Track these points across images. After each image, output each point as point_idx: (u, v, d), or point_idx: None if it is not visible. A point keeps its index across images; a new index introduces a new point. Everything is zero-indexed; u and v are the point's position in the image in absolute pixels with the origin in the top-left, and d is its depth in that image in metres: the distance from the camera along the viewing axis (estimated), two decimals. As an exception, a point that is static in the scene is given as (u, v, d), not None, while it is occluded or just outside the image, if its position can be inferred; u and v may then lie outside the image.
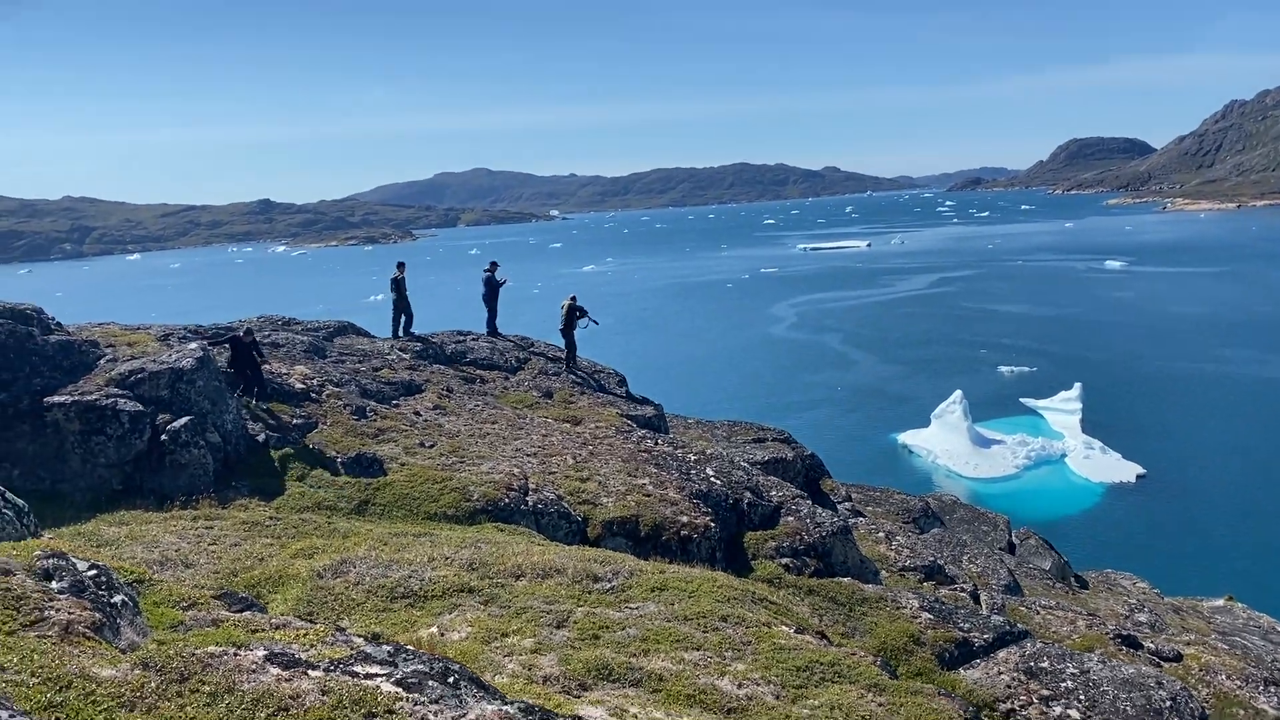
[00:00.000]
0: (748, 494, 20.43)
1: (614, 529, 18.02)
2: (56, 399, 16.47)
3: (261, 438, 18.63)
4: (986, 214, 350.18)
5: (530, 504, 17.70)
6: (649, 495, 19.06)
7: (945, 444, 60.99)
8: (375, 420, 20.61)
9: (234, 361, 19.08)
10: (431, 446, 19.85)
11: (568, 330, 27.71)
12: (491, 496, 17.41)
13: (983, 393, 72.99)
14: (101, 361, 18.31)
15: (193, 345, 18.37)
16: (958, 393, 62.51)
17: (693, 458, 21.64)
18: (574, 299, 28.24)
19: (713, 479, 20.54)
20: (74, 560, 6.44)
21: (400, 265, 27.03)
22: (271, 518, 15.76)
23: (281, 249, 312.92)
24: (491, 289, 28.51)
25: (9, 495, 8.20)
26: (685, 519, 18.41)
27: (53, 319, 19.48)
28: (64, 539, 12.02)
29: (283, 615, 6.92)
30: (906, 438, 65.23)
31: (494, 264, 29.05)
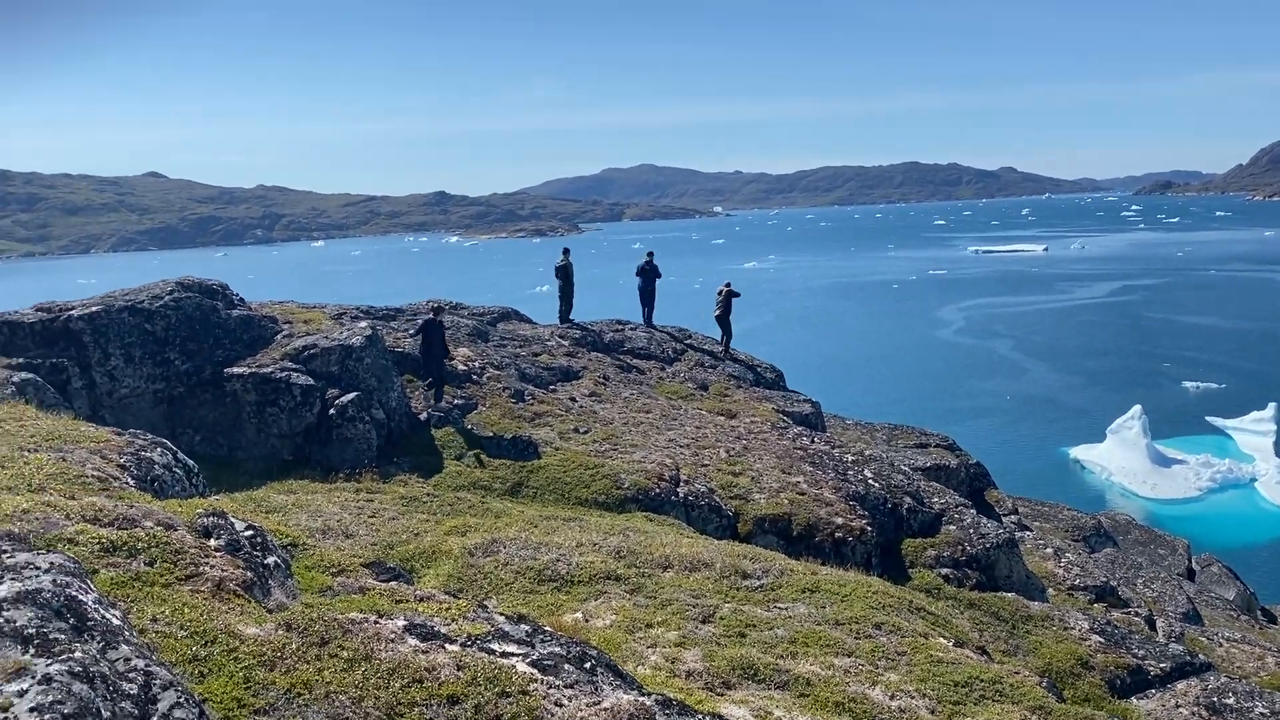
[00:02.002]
0: (908, 499, 19.62)
1: (765, 526, 17.61)
2: (236, 370, 17.32)
3: (423, 416, 19.11)
4: (1176, 220, 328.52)
5: (681, 495, 17.49)
6: (803, 494, 18.55)
7: (1121, 461, 57.49)
8: (532, 404, 20.83)
9: (425, 341, 19.42)
10: (585, 433, 19.91)
11: (724, 316, 27.37)
12: (642, 486, 17.29)
13: (1164, 409, 68.40)
14: (278, 336, 19.18)
15: (363, 324, 19.00)
16: (1137, 407, 58.78)
17: (850, 458, 20.95)
18: (729, 285, 27.88)
19: (871, 481, 19.82)
20: (233, 520, 6.57)
21: (565, 252, 27.30)
22: (429, 494, 16.11)
23: (454, 239, 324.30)
24: (649, 280, 28.41)
25: (180, 455, 8.54)
26: (840, 520, 17.81)
27: (236, 295, 20.55)
28: (236, 503, 12.57)
29: (430, 589, 6.89)
30: (1079, 452, 61.83)
31: (651, 254, 28.96)
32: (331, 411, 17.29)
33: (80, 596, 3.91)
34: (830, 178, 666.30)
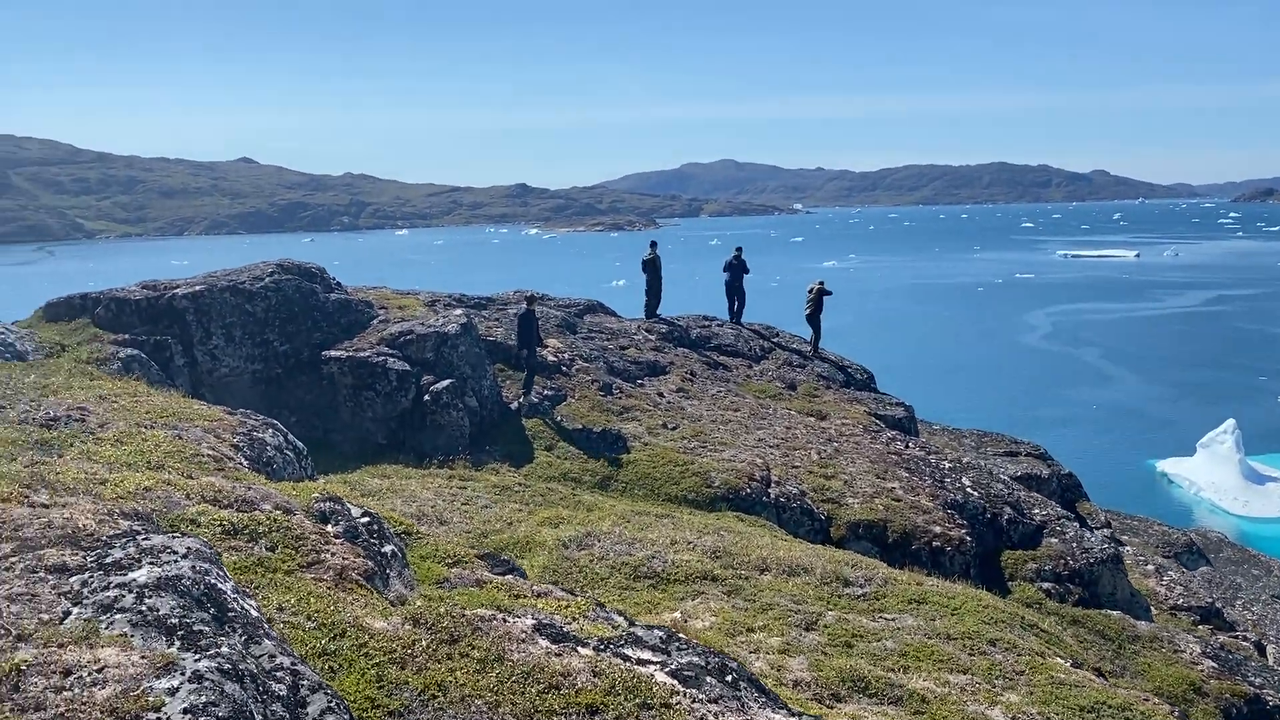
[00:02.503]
0: (1008, 509, 18.94)
1: (859, 531, 17.13)
2: (333, 353, 17.42)
3: (514, 405, 19.02)
4: (1277, 229, 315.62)
5: (772, 496, 17.10)
6: (899, 500, 18.00)
7: (1212, 476, 55.31)
8: (620, 398, 20.62)
9: (520, 331, 19.31)
10: (674, 429, 19.63)
11: (814, 315, 26.81)
12: (733, 485, 16.95)
13: (1260, 424, 65.57)
14: (375, 321, 19.26)
15: (457, 312, 18.98)
16: (1230, 421, 56.50)
17: (947, 465, 20.32)
18: (822, 283, 27.30)
19: (969, 490, 19.18)
20: (349, 505, 6.42)
21: (653, 245, 27.00)
22: (520, 484, 16.00)
23: (534, 231, 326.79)
24: (737, 276, 27.95)
25: (291, 437, 8.46)
26: (938, 529, 17.24)
27: (334, 279, 20.71)
28: (332, 485, 12.58)
29: (546, 585, 6.66)
30: (1167, 466, 59.68)
31: (739, 250, 28.50)
32: (426, 397, 17.28)
33: (219, 584, 3.74)
34: (915, 176, 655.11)
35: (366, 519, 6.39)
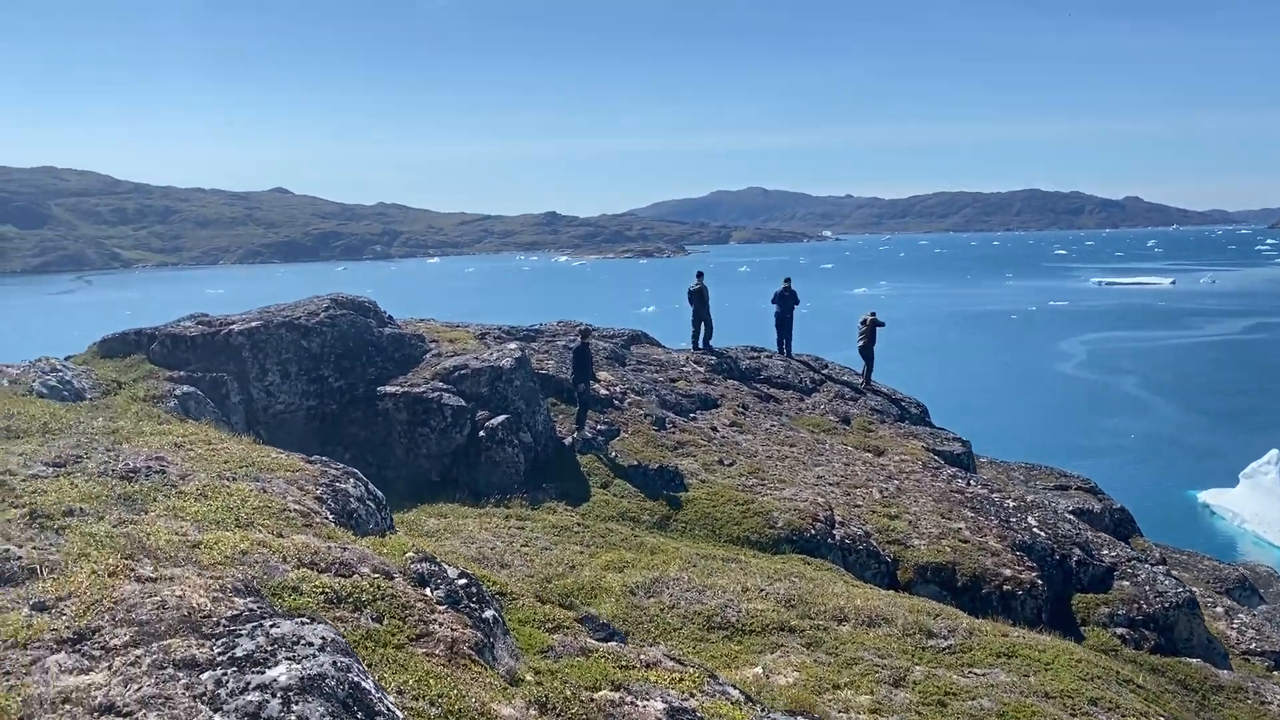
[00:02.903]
0: (1077, 550, 18.35)
1: (927, 574, 16.60)
2: (388, 389, 17.17)
3: (568, 441, 18.68)
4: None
5: (837, 538, 16.61)
6: (966, 541, 17.46)
7: (1256, 508, 53.98)
8: (674, 432, 20.23)
9: (577, 364, 18.96)
10: (730, 465, 19.21)
11: (867, 347, 26.33)
12: (796, 525, 16.48)
13: None
14: (428, 355, 19.02)
15: (511, 345, 18.69)
16: (1274, 452, 55.22)
17: (1011, 504, 19.74)
18: (874, 314, 26.84)
19: (1036, 530, 18.60)
20: (445, 566, 6.08)
21: (699, 275, 26.65)
22: (579, 524, 15.62)
23: (564, 259, 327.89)
24: (787, 307, 27.55)
25: (372, 487, 8.14)
26: (1009, 572, 16.67)
27: (386, 313, 20.52)
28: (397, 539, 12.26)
29: (656, 654, 6.26)
30: (1209, 497, 58.34)
31: (788, 280, 28.11)
32: (481, 434, 16.98)
33: (362, 683, 3.40)
34: (945, 203, 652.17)
35: (464, 580, 6.05)
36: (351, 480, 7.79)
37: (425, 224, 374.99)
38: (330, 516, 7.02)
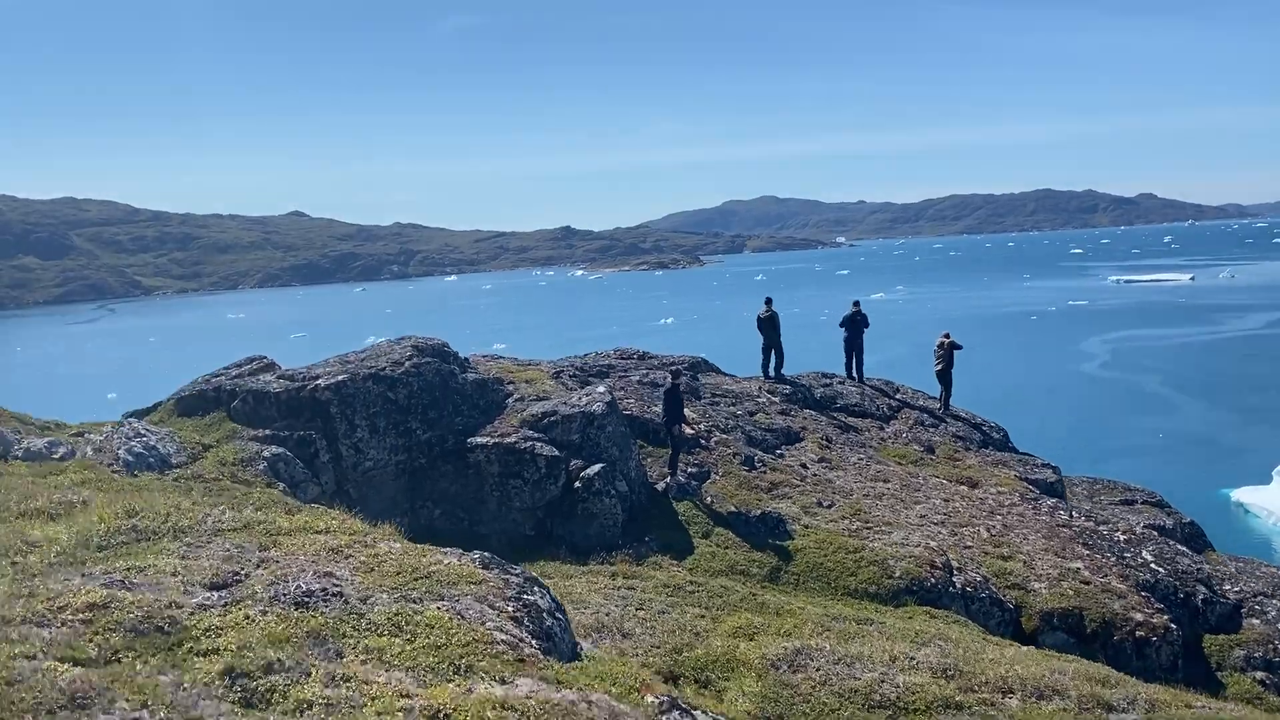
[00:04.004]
0: (1201, 588, 17.41)
1: (1054, 622, 15.72)
2: (479, 440, 16.41)
3: (660, 487, 17.88)
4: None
5: (958, 586, 15.76)
6: (1087, 583, 16.56)
7: None
8: (766, 472, 19.40)
9: (669, 405, 18.04)
10: (829, 506, 18.36)
11: (945, 371, 25.43)
12: (915, 574, 15.62)
13: None
14: (509, 400, 18.26)
15: (600, 389, 17.92)
16: None
17: (1122, 537, 18.84)
18: (949, 335, 25.97)
19: (1154, 566, 17.68)
20: (695, 713, 5.25)
21: (768, 302, 25.79)
22: (692, 582, 14.78)
23: (580, 273, 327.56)
24: (857, 331, 26.69)
25: (551, 593, 7.34)
26: (1139, 616, 15.76)
27: (456, 353, 19.76)
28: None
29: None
30: (1242, 495, 56.99)
31: (857, 304, 27.27)
32: (577, 484, 16.20)
33: None
34: (958, 206, 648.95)
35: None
36: (535, 589, 7.01)
37: (441, 242, 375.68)
38: (534, 641, 6.24)
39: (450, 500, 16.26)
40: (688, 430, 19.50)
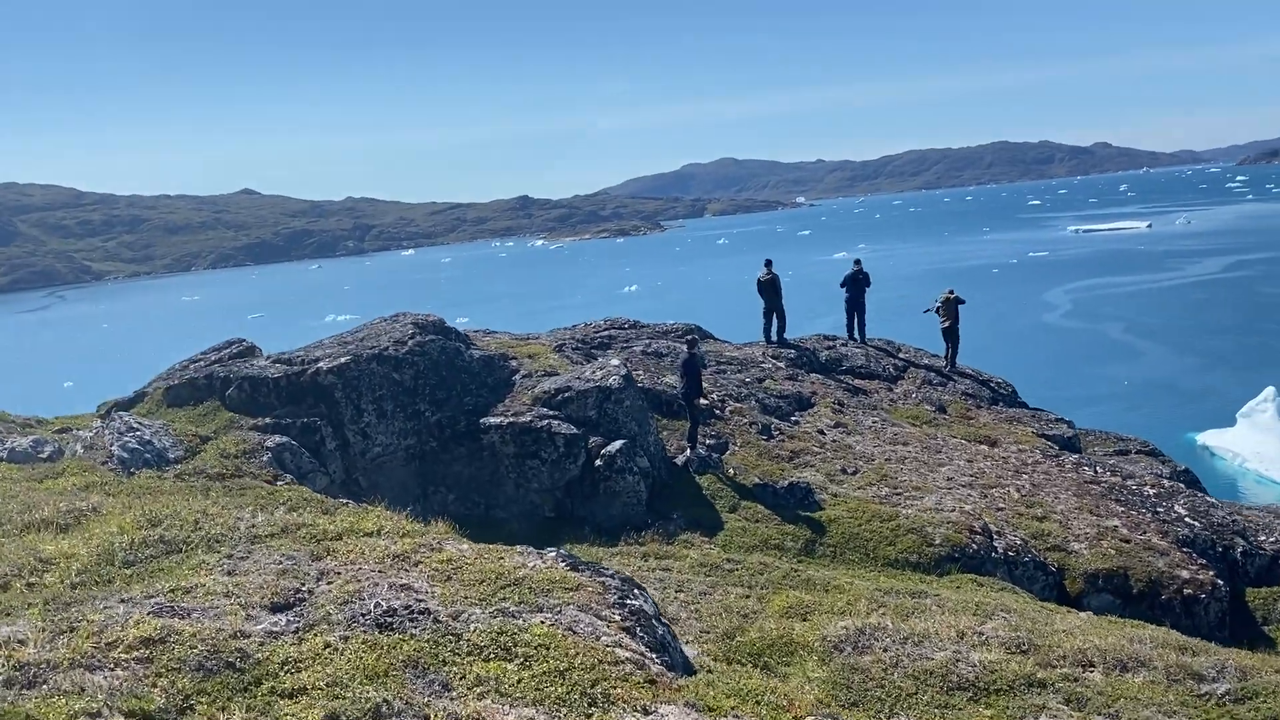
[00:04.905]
0: (1239, 540, 17.01)
1: (1099, 584, 15.22)
2: (492, 420, 15.53)
3: (679, 460, 17.11)
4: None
5: (1000, 551, 15.19)
6: (1127, 541, 16.08)
7: (1256, 446, 53.17)
8: (784, 441, 18.71)
9: (690, 376, 17.19)
10: (854, 473, 17.72)
11: (952, 328, 24.85)
12: (956, 541, 15.03)
13: None
14: (517, 377, 17.37)
15: (615, 362, 17.08)
16: (1270, 389, 54.42)
17: (1151, 491, 18.39)
18: (953, 291, 25.39)
19: (1189, 520, 17.24)
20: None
21: (768, 264, 24.99)
22: (727, 560, 14.08)
23: (540, 243, 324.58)
24: (859, 290, 26.05)
25: (650, 596, 6.54)
26: (1185, 574, 15.31)
27: (458, 329, 18.82)
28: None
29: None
30: (1207, 438, 57.50)
31: (859, 262, 26.60)
32: (598, 463, 15.39)
33: None
34: (916, 161, 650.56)
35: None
36: (635, 591, 6.22)
37: (396, 215, 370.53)
38: (654, 656, 5.45)
39: (464, 484, 15.40)
40: (703, 401, 18.74)
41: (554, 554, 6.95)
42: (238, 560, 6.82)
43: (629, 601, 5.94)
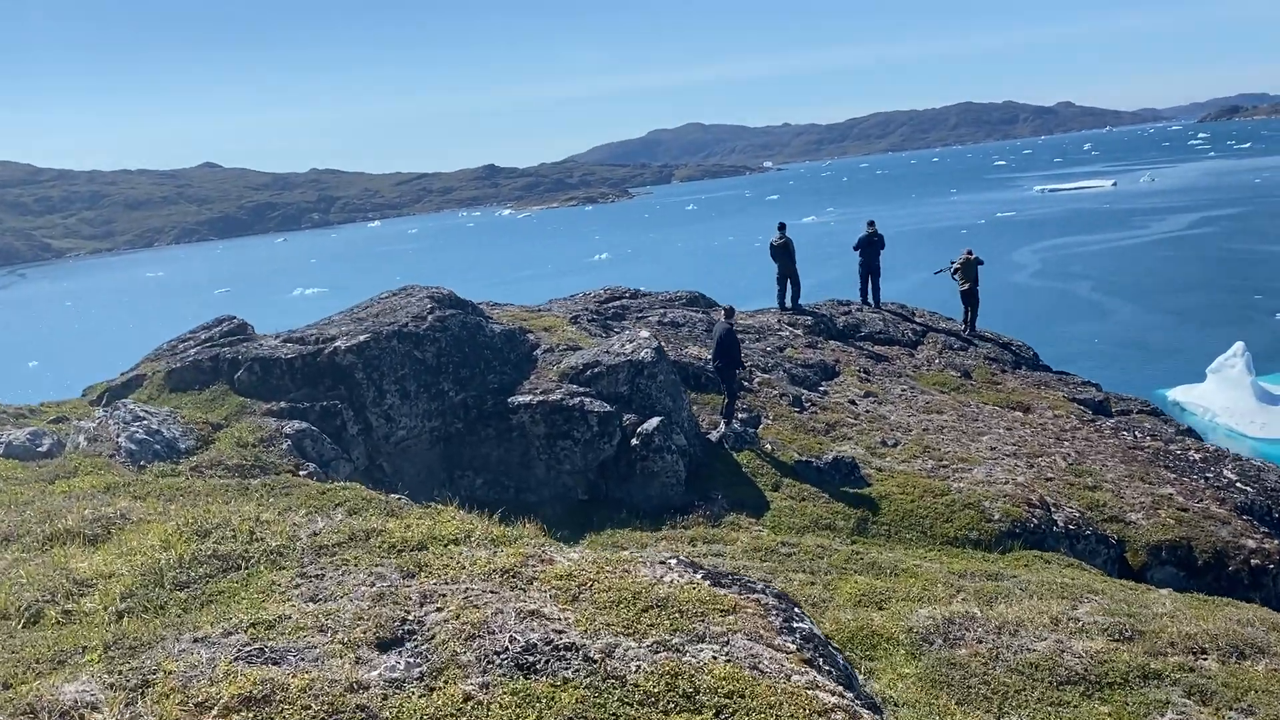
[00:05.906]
0: (1294, 506, 16.39)
1: (1161, 556, 14.55)
2: (521, 399, 14.54)
3: (713, 437, 16.21)
4: (1248, 145, 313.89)
5: (1060, 525, 14.46)
6: (1185, 510, 15.42)
7: (1225, 401, 53.40)
8: (817, 413, 17.87)
9: (728, 347, 16.13)
10: (895, 445, 16.92)
11: (972, 290, 24.02)
12: (1015, 516, 14.28)
13: (1264, 344, 63.63)
14: (538, 352, 16.36)
15: (644, 334, 16.10)
16: (1239, 344, 54.54)
17: (1197, 455, 17.76)
18: (971, 252, 24.58)
19: (1240, 484, 16.61)
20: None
21: (781, 227, 24.04)
22: (780, 543, 13.22)
23: (507, 212, 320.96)
24: (873, 253, 25.12)
25: (806, 616, 5.62)
26: (1250, 543, 14.67)
27: (471, 303, 17.74)
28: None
29: None
30: (1178, 394, 57.66)
31: (872, 224, 25.68)
32: (634, 441, 14.46)
33: None
34: (882, 124, 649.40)
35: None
36: (795, 610, 5.31)
37: (361, 187, 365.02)
38: (849, 695, 4.54)
39: (493, 467, 14.42)
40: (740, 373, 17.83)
41: (672, 561, 6.02)
42: (313, 580, 5.84)
43: (796, 625, 5.04)
